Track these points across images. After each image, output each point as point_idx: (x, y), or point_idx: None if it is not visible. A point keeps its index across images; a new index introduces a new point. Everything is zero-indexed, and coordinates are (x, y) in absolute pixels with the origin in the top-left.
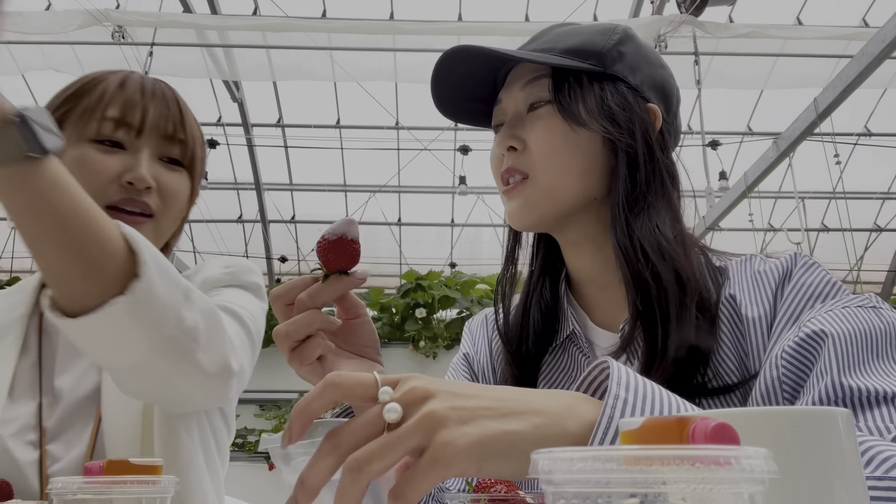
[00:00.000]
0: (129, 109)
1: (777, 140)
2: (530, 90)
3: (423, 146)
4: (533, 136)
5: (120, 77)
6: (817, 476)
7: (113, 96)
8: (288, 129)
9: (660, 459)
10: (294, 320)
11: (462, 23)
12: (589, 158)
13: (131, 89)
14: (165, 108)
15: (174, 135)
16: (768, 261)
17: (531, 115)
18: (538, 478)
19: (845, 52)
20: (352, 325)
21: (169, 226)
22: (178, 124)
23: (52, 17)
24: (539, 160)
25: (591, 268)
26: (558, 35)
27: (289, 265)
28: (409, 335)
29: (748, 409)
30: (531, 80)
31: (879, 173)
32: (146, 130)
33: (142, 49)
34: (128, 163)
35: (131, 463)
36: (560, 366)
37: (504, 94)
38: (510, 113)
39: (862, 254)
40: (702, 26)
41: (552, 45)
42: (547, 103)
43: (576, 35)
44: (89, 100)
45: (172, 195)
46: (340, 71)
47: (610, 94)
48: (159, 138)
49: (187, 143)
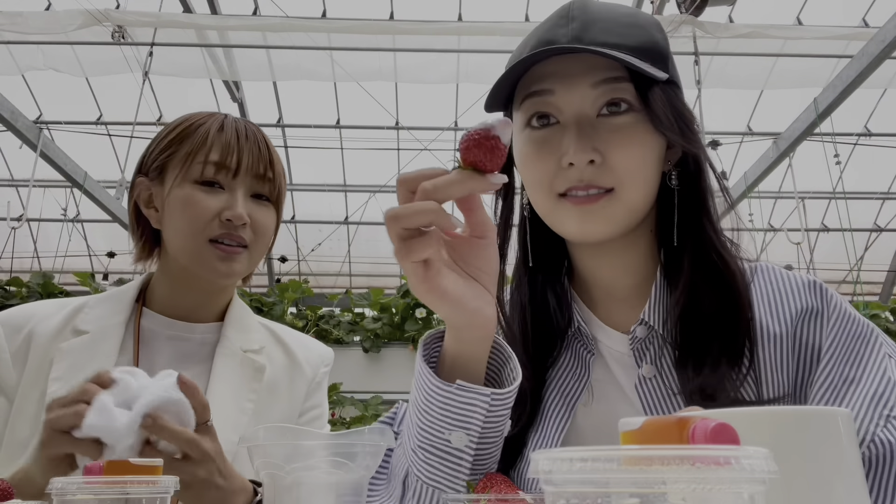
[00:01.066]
0: (228, 154)
1: (777, 140)
2: (606, 90)
3: (423, 146)
4: (618, 148)
5: (219, 121)
6: (817, 476)
7: (213, 140)
8: (288, 129)
9: (660, 459)
10: (409, 204)
11: (462, 23)
12: (658, 169)
13: (229, 133)
14: (257, 150)
15: (265, 174)
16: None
17: (608, 122)
18: (538, 478)
19: (845, 52)
20: (474, 245)
21: (259, 255)
22: (267, 165)
23: (52, 17)
24: (626, 175)
25: (609, 271)
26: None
27: (289, 265)
28: (409, 335)
29: (748, 409)
30: (607, 80)
31: (879, 173)
32: (241, 172)
33: (142, 49)
34: (226, 202)
35: (131, 463)
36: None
37: (561, 88)
38: (570, 112)
39: (862, 254)
40: (702, 26)
41: (617, 38)
42: (628, 110)
43: (635, 28)
44: (192, 144)
45: (263, 229)
46: (340, 71)
47: (678, 101)
48: (252, 178)
49: (275, 181)
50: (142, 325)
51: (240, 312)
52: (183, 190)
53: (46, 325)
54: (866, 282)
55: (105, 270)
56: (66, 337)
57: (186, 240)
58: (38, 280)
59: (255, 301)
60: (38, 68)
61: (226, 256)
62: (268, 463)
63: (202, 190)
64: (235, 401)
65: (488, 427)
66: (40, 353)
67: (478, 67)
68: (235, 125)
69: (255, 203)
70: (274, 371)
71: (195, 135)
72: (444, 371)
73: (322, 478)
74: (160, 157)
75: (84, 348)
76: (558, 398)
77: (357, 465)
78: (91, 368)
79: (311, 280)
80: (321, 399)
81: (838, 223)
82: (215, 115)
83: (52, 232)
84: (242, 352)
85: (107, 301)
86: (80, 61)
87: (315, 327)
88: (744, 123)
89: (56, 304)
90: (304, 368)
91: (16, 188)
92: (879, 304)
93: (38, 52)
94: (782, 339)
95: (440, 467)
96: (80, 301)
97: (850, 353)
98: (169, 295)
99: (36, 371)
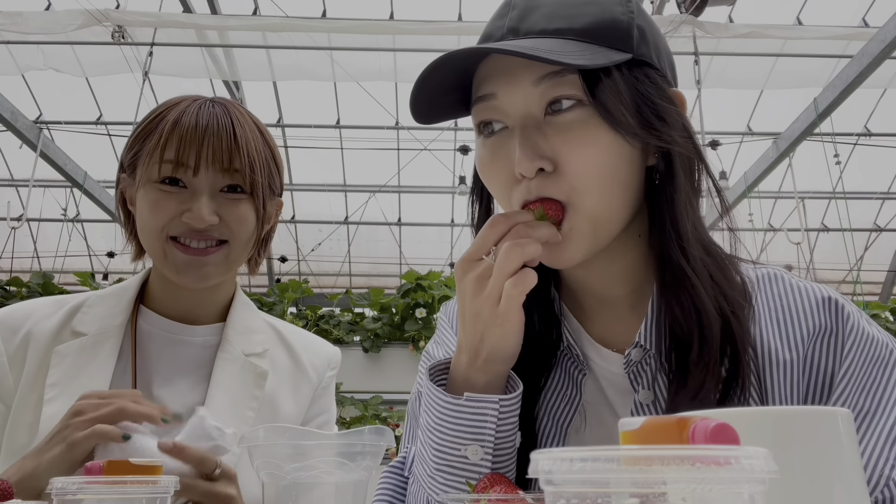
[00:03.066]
0: (182, 149)
1: (777, 140)
2: (549, 86)
3: (423, 146)
4: (568, 152)
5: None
6: (817, 476)
7: (169, 137)
8: (288, 128)
9: (660, 459)
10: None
11: (462, 23)
12: (630, 168)
13: (185, 126)
14: (219, 140)
15: (230, 166)
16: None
17: (555, 122)
18: (538, 478)
19: (845, 52)
20: None
21: (241, 250)
22: (233, 154)
23: (52, 17)
24: (579, 182)
25: (599, 280)
26: (560, 6)
27: (289, 265)
28: (409, 335)
29: (748, 409)
30: (548, 76)
31: (879, 173)
32: (201, 168)
33: (142, 49)
34: (187, 202)
35: (131, 463)
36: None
37: (502, 89)
38: (515, 115)
39: (862, 254)
40: (702, 26)
41: (562, 23)
42: (576, 105)
43: (588, 6)
44: (150, 142)
45: (238, 223)
46: (340, 71)
47: (646, 86)
48: (217, 172)
49: (244, 171)
50: (140, 327)
51: (243, 312)
52: (145, 190)
53: (44, 326)
54: (866, 282)
55: (105, 270)
56: (64, 338)
57: (150, 239)
58: (38, 280)
59: (255, 301)
60: (38, 68)
61: (192, 260)
62: (268, 463)
63: (162, 189)
64: (236, 409)
65: (501, 437)
66: (38, 355)
67: None
68: (197, 114)
69: (225, 198)
70: (277, 377)
71: (155, 131)
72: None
73: (322, 478)
74: (130, 154)
75: (81, 352)
76: (549, 423)
77: (357, 465)
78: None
79: (311, 280)
80: (328, 403)
81: (838, 223)
82: (182, 102)
83: (52, 232)
84: (244, 356)
85: (106, 300)
86: (80, 61)
87: (315, 327)
88: (744, 123)
89: (54, 303)
90: (309, 374)
91: (16, 188)
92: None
93: (38, 52)
94: (793, 367)
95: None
96: (78, 299)
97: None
98: (165, 294)
99: (34, 375)
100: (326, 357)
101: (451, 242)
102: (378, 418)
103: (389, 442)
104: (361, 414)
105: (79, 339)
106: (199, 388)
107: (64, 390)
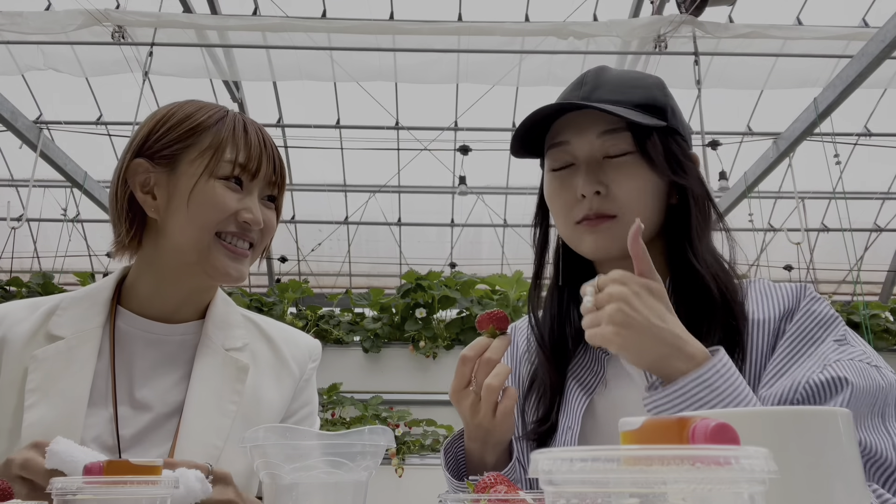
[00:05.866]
0: (252, 158)
1: (777, 140)
2: (608, 140)
3: (423, 146)
4: (618, 182)
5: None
6: (817, 476)
7: (239, 140)
8: (288, 129)
9: (660, 459)
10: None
11: (462, 23)
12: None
13: (253, 137)
14: (273, 155)
15: (276, 181)
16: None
17: (611, 163)
18: (538, 478)
19: (845, 52)
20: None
21: (257, 256)
22: (280, 172)
23: (52, 17)
24: (626, 203)
25: None
26: (618, 86)
27: (289, 265)
28: (409, 335)
29: (748, 409)
30: (609, 132)
31: (879, 173)
32: (260, 176)
33: (142, 49)
34: (245, 203)
35: (131, 463)
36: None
37: (574, 138)
38: (582, 157)
39: (862, 254)
40: (702, 26)
41: (620, 96)
42: (628, 153)
43: (637, 88)
44: (215, 139)
45: (269, 230)
46: (340, 71)
47: (675, 146)
48: (265, 183)
49: (282, 187)
50: (118, 328)
51: (222, 308)
52: (208, 184)
53: (19, 330)
54: (866, 282)
55: (105, 270)
56: (40, 343)
57: (199, 232)
58: (38, 280)
59: (255, 301)
60: (38, 68)
61: (235, 257)
62: (268, 463)
63: (225, 186)
64: (217, 403)
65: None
66: (14, 361)
67: (478, 67)
68: (256, 128)
69: (265, 205)
70: (259, 370)
71: (217, 130)
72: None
73: (322, 478)
74: (173, 146)
75: (60, 355)
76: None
77: (357, 465)
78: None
79: (311, 280)
80: (311, 396)
81: (838, 223)
82: (226, 109)
83: (52, 232)
84: (225, 350)
85: (81, 302)
86: (80, 61)
87: (315, 327)
88: (744, 123)
89: (27, 307)
90: (291, 366)
91: (16, 188)
92: (879, 304)
93: (38, 52)
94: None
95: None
96: (52, 302)
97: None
98: (151, 293)
99: (10, 380)
100: (307, 349)
101: (451, 242)
102: (378, 418)
103: (389, 442)
104: (361, 414)
105: (56, 343)
106: (181, 386)
107: (44, 395)
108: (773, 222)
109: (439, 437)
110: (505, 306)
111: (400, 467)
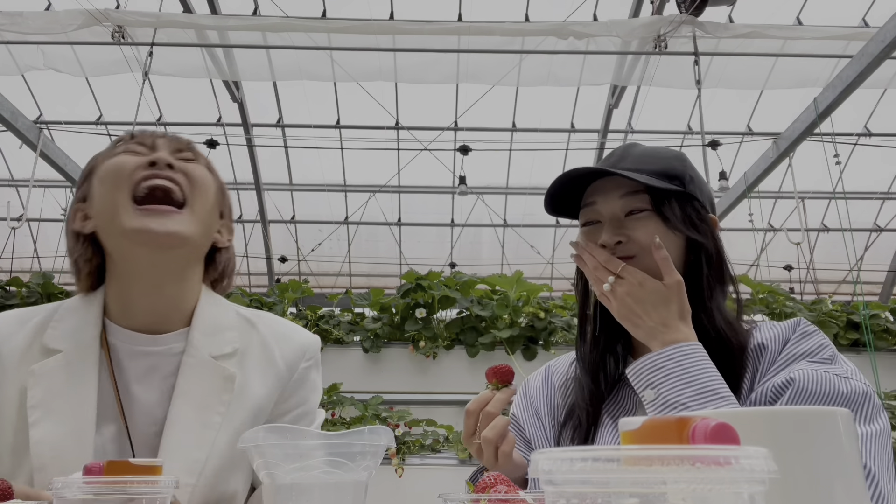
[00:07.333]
0: (146, 135)
1: (777, 140)
2: (629, 201)
3: (423, 146)
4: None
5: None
6: (817, 476)
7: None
8: (288, 129)
9: (660, 459)
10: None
11: (462, 23)
12: (674, 253)
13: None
14: (174, 136)
15: (185, 149)
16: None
17: (631, 219)
18: (538, 478)
19: (845, 52)
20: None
21: (206, 216)
22: (187, 144)
23: (52, 17)
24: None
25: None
26: (641, 158)
27: (289, 265)
28: (409, 335)
29: (748, 409)
30: (630, 193)
31: (879, 173)
32: (159, 146)
33: (142, 49)
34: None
35: (131, 463)
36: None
37: (600, 199)
38: (606, 215)
39: (862, 254)
40: (702, 26)
41: (641, 166)
42: (646, 211)
43: (657, 160)
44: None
45: (198, 180)
46: (340, 71)
47: (691, 208)
48: (169, 151)
49: (196, 154)
50: (110, 342)
51: (208, 311)
52: (108, 161)
53: (12, 345)
54: (866, 282)
55: None
56: (36, 357)
57: (113, 199)
58: (38, 280)
59: (255, 301)
60: (38, 68)
61: (150, 213)
62: (267, 463)
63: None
64: (200, 416)
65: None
66: (10, 378)
67: (478, 67)
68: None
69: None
70: (246, 375)
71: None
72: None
73: (321, 478)
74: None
75: (60, 370)
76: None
77: (357, 465)
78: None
79: (311, 280)
80: (306, 395)
81: (838, 223)
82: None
83: (52, 232)
84: (212, 359)
85: (74, 313)
86: (80, 61)
87: (315, 327)
88: (744, 123)
89: (16, 319)
90: (278, 365)
91: (16, 188)
92: (879, 304)
93: (38, 52)
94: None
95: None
96: (43, 314)
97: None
98: (125, 305)
99: (8, 398)
100: (301, 347)
101: (451, 242)
102: (378, 418)
103: (389, 442)
104: (361, 414)
105: (54, 357)
106: (165, 398)
107: (48, 412)
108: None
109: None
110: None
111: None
